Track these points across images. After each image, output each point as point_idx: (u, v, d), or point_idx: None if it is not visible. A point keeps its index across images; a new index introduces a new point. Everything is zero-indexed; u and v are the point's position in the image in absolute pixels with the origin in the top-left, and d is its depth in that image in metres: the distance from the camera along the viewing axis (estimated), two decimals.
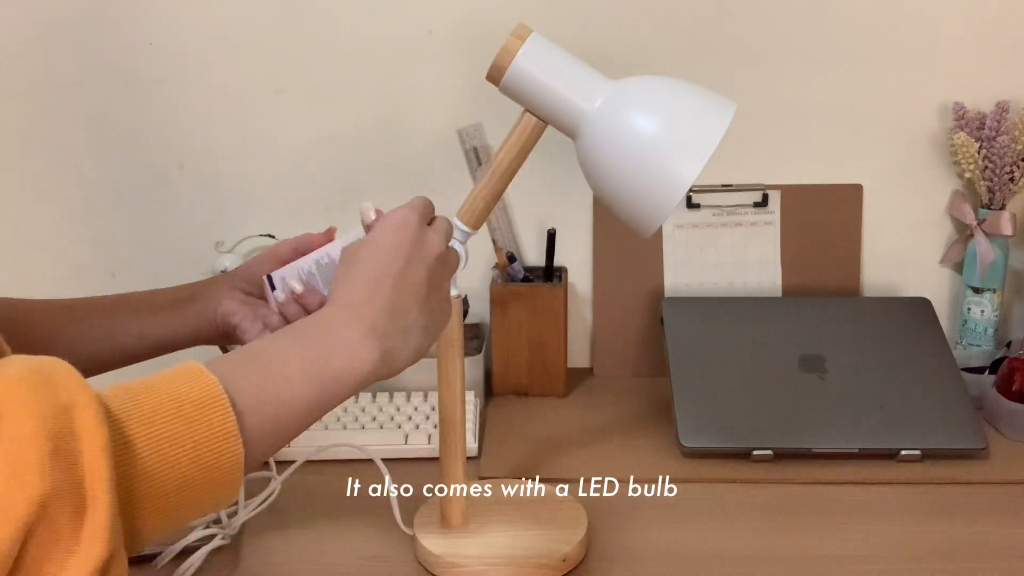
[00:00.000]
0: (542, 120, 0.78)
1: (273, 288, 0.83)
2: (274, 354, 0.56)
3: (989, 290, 1.21)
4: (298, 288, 0.81)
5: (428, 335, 0.65)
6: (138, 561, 0.82)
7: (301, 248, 0.86)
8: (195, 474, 0.47)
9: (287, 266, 0.84)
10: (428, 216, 0.70)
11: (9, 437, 0.41)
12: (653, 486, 0.98)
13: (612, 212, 0.78)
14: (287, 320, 0.81)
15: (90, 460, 0.42)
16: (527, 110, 0.78)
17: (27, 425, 0.41)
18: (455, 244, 0.81)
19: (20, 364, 0.45)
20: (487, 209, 0.80)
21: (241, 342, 0.84)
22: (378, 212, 0.72)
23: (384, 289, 0.62)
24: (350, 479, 0.97)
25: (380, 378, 0.60)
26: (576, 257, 1.28)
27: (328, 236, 0.86)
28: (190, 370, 0.50)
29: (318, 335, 0.58)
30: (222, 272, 0.91)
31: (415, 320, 0.63)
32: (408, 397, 1.13)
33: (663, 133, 0.74)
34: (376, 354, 0.59)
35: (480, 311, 1.28)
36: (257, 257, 0.89)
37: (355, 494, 0.95)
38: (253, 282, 0.87)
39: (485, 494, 0.93)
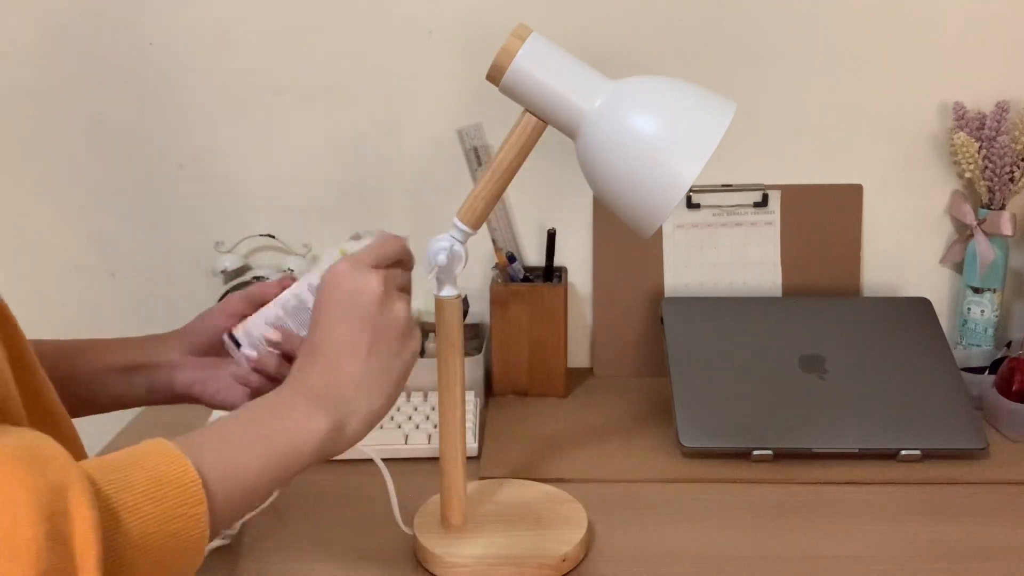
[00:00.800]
0: (542, 120, 0.78)
1: (238, 345, 0.78)
2: (238, 438, 0.58)
3: (989, 290, 1.21)
4: (275, 337, 0.77)
5: (389, 400, 0.67)
6: None
7: (254, 298, 0.82)
8: (169, 546, 0.50)
9: (249, 319, 0.79)
10: (393, 279, 0.69)
11: (6, 516, 0.42)
12: (653, 486, 0.99)
13: (612, 212, 0.78)
14: (266, 374, 0.78)
15: (81, 542, 0.44)
16: (527, 110, 0.78)
17: (23, 505, 0.43)
18: (456, 245, 0.81)
19: (12, 437, 0.46)
20: (487, 209, 0.80)
21: (214, 406, 0.82)
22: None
23: (348, 370, 0.64)
24: (350, 479, 0.97)
25: (338, 449, 0.63)
26: (576, 257, 1.29)
27: (283, 284, 0.81)
28: (165, 451, 0.52)
29: (276, 420, 0.61)
30: (175, 332, 0.85)
31: (378, 392, 0.65)
32: (408, 397, 1.13)
33: (663, 133, 0.74)
34: (327, 426, 0.61)
35: (480, 311, 1.28)
36: (206, 314, 0.85)
37: (355, 494, 0.95)
38: (207, 342, 0.83)
39: (485, 494, 0.93)
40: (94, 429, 0.85)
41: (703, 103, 0.75)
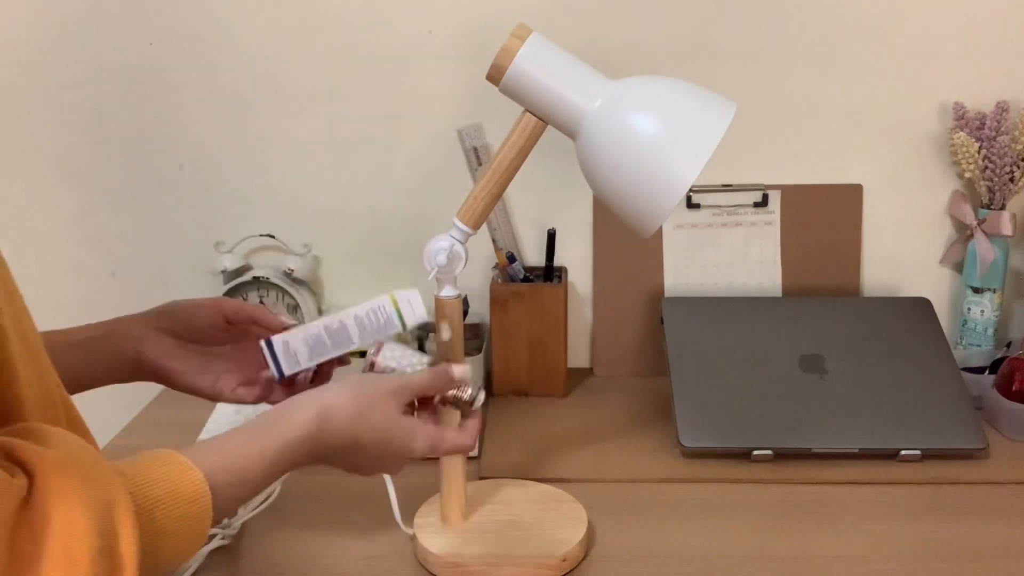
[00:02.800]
0: (542, 120, 0.78)
1: (273, 354, 0.81)
2: (243, 459, 0.65)
3: (989, 290, 1.21)
4: (311, 365, 0.82)
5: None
6: None
7: (254, 314, 0.86)
8: (184, 544, 0.57)
9: (290, 332, 0.82)
10: (435, 446, 0.77)
11: (64, 527, 0.47)
12: (653, 486, 0.98)
13: (612, 212, 0.78)
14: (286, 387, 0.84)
15: (126, 555, 0.50)
16: (527, 110, 0.78)
17: (80, 520, 0.48)
18: (456, 245, 0.81)
19: (61, 451, 0.51)
20: (487, 209, 0.80)
21: (178, 385, 0.84)
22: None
23: (349, 457, 0.73)
24: (350, 479, 0.97)
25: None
26: (576, 257, 1.29)
27: (284, 325, 0.84)
28: (182, 466, 0.58)
29: (282, 457, 0.67)
30: (139, 313, 0.86)
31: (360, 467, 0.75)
32: None
33: (663, 133, 0.74)
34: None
35: (480, 311, 1.28)
36: (192, 303, 0.86)
37: (355, 494, 0.95)
38: (183, 325, 0.85)
39: (485, 494, 0.93)
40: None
41: (703, 103, 0.76)
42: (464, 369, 0.81)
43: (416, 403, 0.79)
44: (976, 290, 1.22)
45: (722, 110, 0.74)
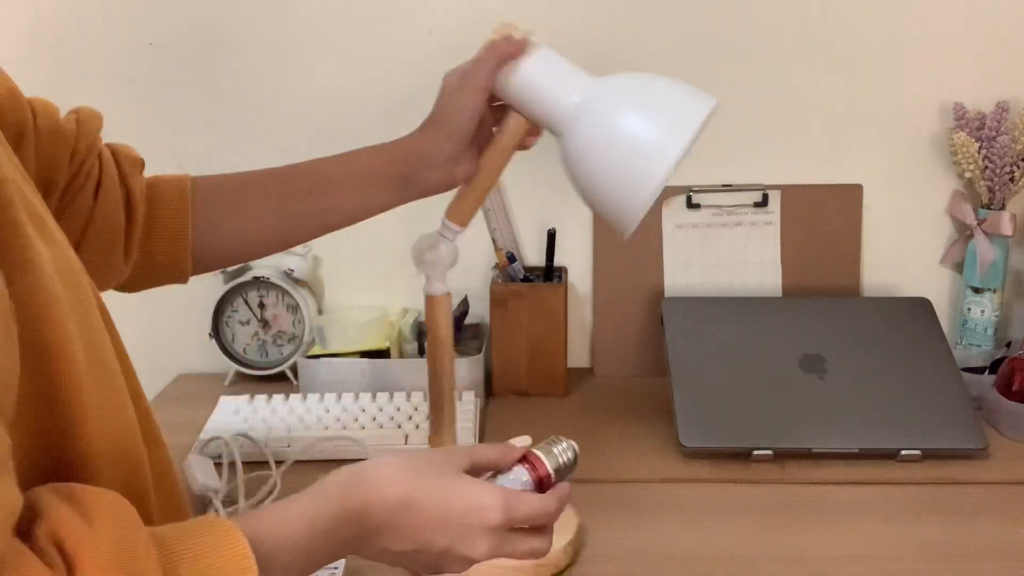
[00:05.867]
0: (527, 118, 0.77)
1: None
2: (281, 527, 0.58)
3: (989, 290, 1.21)
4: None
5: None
6: None
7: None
8: None
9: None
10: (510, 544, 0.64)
11: None
12: (653, 486, 0.98)
13: (593, 210, 0.77)
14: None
15: None
16: (512, 108, 0.78)
17: None
18: (445, 244, 0.80)
19: (105, 530, 0.48)
20: (475, 206, 0.80)
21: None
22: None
23: (390, 553, 0.62)
24: None
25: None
26: (576, 257, 1.28)
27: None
28: (233, 542, 0.53)
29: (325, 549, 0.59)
30: (430, 124, 0.83)
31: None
32: (408, 396, 1.13)
33: (636, 128, 0.72)
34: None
35: (480, 311, 1.27)
36: (469, 89, 0.79)
37: None
38: (463, 129, 0.80)
39: None
40: None
41: (681, 97, 0.74)
42: (524, 440, 0.69)
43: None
44: (976, 290, 1.22)
45: (700, 103, 0.73)
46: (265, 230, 0.84)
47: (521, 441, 0.68)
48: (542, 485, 0.66)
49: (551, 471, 0.66)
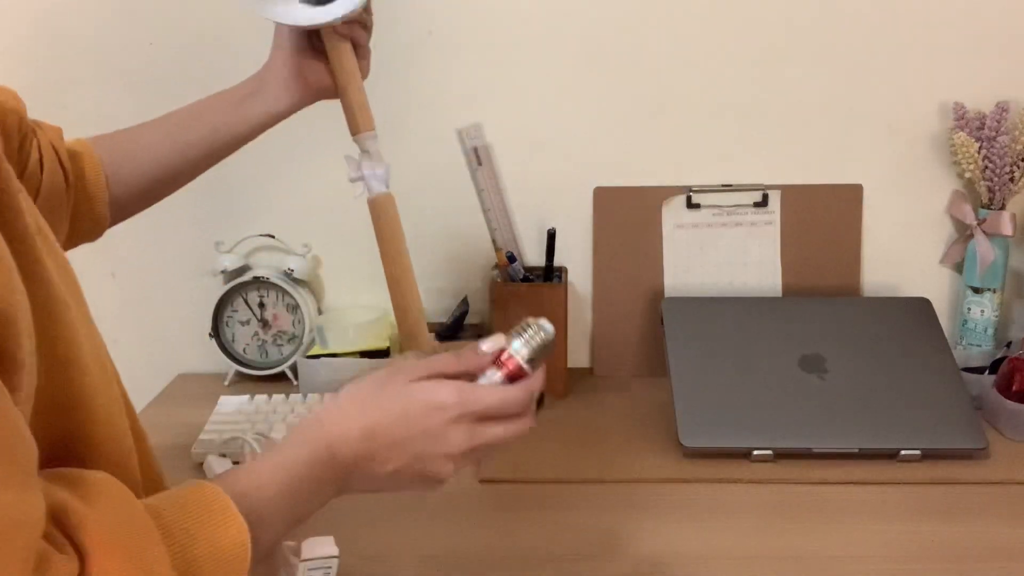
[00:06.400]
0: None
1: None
2: (277, 507, 0.59)
3: (989, 290, 1.21)
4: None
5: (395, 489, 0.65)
6: None
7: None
8: None
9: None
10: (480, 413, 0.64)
11: None
12: (653, 486, 0.98)
13: None
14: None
15: None
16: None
17: None
18: (368, 157, 0.86)
19: (109, 511, 0.49)
20: (358, 108, 0.88)
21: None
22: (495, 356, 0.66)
23: (374, 473, 0.63)
24: None
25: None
26: (576, 257, 1.28)
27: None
28: (224, 516, 0.54)
29: (308, 493, 0.61)
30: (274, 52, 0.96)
31: (375, 487, 0.64)
32: None
33: None
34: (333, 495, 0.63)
35: (480, 311, 1.28)
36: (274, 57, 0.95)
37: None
38: (285, 38, 0.94)
39: None
40: None
41: None
42: (495, 340, 0.67)
43: None
44: (976, 290, 1.22)
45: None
46: (163, 164, 0.91)
47: (493, 343, 0.67)
48: (519, 378, 0.66)
49: (523, 363, 0.66)
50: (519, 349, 0.66)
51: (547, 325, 0.67)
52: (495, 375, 0.66)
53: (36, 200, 0.78)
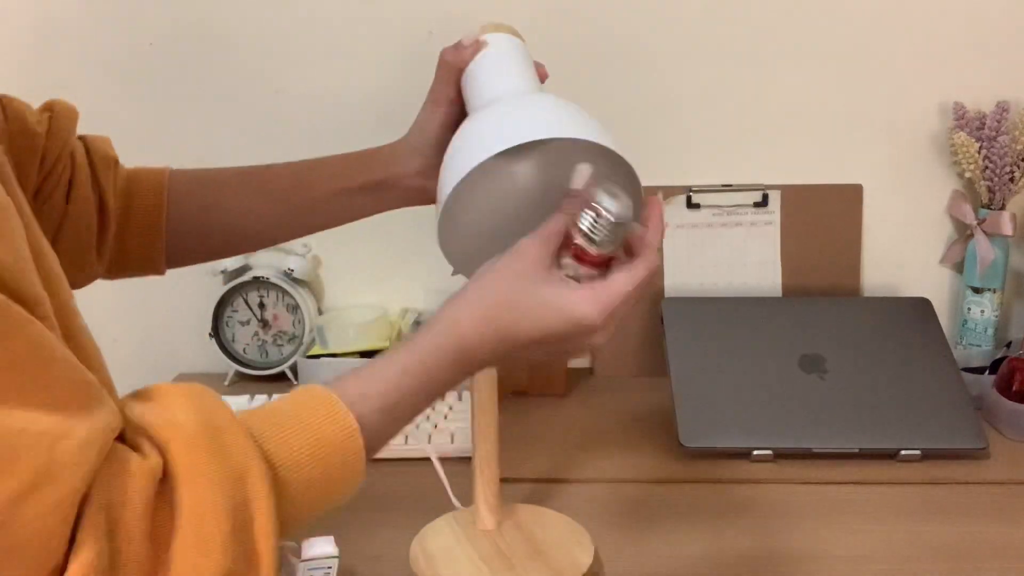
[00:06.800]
0: None
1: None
2: (395, 391, 0.59)
3: (989, 290, 1.21)
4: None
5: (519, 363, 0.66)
6: None
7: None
8: (323, 496, 0.54)
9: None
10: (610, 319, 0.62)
11: (192, 510, 0.45)
12: (653, 486, 0.98)
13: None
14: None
15: (261, 527, 0.47)
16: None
17: (208, 499, 0.46)
18: None
19: (191, 414, 0.48)
20: None
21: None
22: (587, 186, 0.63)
23: (510, 355, 0.62)
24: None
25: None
26: None
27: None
28: (329, 411, 0.54)
29: (428, 379, 0.61)
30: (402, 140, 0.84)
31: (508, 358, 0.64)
32: None
33: (481, 126, 0.69)
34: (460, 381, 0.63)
35: None
36: (423, 114, 0.82)
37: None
38: (433, 139, 0.81)
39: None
40: None
41: (553, 117, 0.68)
42: (585, 170, 0.63)
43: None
44: (976, 290, 1.22)
45: (554, 129, 0.66)
46: (240, 229, 0.84)
47: (584, 171, 0.64)
48: (605, 265, 0.63)
49: (603, 253, 0.62)
50: (589, 238, 0.62)
51: (605, 202, 0.61)
52: (577, 268, 0.63)
53: (60, 231, 0.76)
